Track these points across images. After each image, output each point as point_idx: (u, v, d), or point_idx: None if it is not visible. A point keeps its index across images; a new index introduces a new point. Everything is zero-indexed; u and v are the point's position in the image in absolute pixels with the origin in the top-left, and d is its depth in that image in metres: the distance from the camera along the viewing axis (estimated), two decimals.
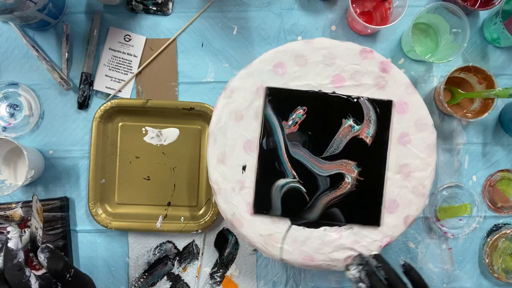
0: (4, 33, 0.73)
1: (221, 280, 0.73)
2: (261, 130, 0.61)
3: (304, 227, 0.60)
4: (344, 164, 0.60)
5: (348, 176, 0.60)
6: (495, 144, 0.74)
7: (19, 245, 0.50)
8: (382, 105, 0.61)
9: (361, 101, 0.61)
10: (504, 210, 0.74)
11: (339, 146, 0.61)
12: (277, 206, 0.60)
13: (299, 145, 0.61)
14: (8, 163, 0.71)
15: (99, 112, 0.71)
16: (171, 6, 0.73)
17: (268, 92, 0.61)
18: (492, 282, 0.74)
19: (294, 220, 0.60)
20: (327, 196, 0.60)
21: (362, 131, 0.61)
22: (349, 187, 0.60)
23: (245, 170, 0.61)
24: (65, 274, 0.50)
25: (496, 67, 0.74)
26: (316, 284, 0.74)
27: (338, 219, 0.60)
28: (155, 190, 0.73)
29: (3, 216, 0.70)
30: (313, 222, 0.60)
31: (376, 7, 0.71)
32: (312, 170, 0.60)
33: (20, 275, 0.47)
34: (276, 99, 0.61)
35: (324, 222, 0.60)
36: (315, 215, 0.60)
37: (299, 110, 0.61)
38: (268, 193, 0.60)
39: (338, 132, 0.61)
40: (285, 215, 0.60)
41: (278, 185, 0.60)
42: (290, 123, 0.61)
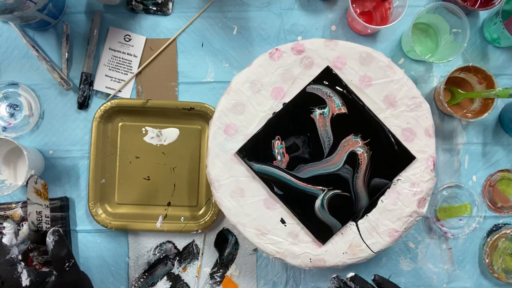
0: (4, 33, 0.73)
1: (221, 280, 0.73)
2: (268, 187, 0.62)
3: (367, 214, 0.61)
4: (345, 144, 0.61)
5: (358, 148, 0.61)
6: (495, 144, 0.74)
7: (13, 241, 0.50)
8: (325, 75, 0.62)
9: (310, 89, 0.62)
10: (504, 210, 0.74)
11: (328, 135, 0.61)
12: (333, 222, 0.61)
13: (302, 165, 0.61)
14: (8, 163, 0.71)
15: (99, 112, 0.71)
16: (171, 6, 0.73)
17: (241, 155, 0.61)
18: (492, 282, 0.74)
19: (354, 218, 0.61)
20: (358, 176, 0.61)
21: (332, 108, 0.61)
22: (367, 154, 0.61)
23: (285, 222, 0.61)
24: (65, 262, 0.51)
25: (496, 67, 0.74)
26: (316, 284, 0.73)
27: (384, 184, 0.61)
28: (155, 190, 0.73)
29: (3, 216, 0.70)
30: (370, 205, 0.61)
31: (376, 7, 0.71)
32: (329, 173, 0.61)
33: (12, 270, 0.48)
34: (249, 152, 0.61)
35: (377, 196, 0.61)
36: (365, 199, 0.61)
37: (275, 142, 0.61)
38: (319, 220, 0.61)
39: (318, 127, 0.61)
40: (344, 221, 0.61)
41: (318, 207, 0.61)
42: (279, 158, 0.61)
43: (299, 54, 0.62)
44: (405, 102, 0.62)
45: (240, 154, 0.61)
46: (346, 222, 0.61)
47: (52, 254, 0.51)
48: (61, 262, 0.51)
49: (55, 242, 0.52)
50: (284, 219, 0.61)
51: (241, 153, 0.61)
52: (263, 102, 0.62)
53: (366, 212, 0.61)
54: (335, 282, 0.57)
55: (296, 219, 0.61)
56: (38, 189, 0.56)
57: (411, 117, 0.62)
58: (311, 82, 0.62)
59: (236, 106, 0.62)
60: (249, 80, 0.62)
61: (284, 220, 0.61)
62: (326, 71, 0.62)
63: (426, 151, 0.61)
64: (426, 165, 0.61)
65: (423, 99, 0.62)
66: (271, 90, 0.62)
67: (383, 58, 0.62)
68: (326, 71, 0.62)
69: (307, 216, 0.61)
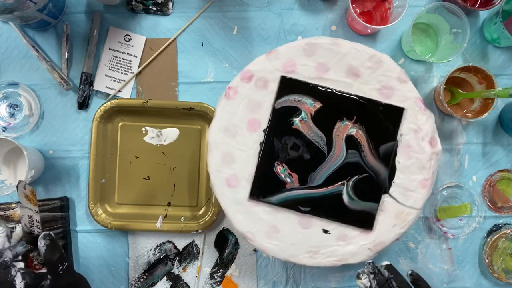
0: (4, 33, 0.73)
1: (221, 280, 0.73)
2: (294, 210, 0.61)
3: (393, 181, 0.61)
4: (337, 133, 0.61)
5: (350, 130, 0.61)
6: (495, 144, 0.74)
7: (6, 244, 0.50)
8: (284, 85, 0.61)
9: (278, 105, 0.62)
10: (504, 210, 0.74)
11: (319, 134, 0.61)
12: (368, 205, 0.61)
13: (312, 173, 0.61)
14: (8, 163, 0.71)
15: (99, 112, 0.71)
16: (171, 6, 0.73)
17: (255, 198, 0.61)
18: (492, 282, 0.74)
19: (383, 191, 0.61)
20: (366, 153, 0.61)
21: (308, 110, 0.61)
22: (361, 130, 0.61)
23: (327, 231, 0.61)
24: (58, 266, 0.50)
25: (496, 67, 0.74)
26: (316, 284, 0.73)
27: (391, 146, 0.61)
28: (155, 190, 0.73)
29: (3, 216, 0.70)
30: (391, 172, 0.61)
31: (376, 7, 0.71)
32: (339, 165, 0.61)
33: (5, 273, 0.48)
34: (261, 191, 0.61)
35: (392, 161, 0.61)
36: (384, 169, 0.61)
37: (277, 168, 0.61)
38: (355, 211, 0.61)
39: (305, 134, 0.61)
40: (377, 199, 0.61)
41: (347, 200, 0.61)
42: (289, 180, 0.61)
43: (250, 80, 0.62)
44: (367, 65, 0.61)
45: (254, 197, 0.61)
46: (379, 199, 0.61)
47: (45, 258, 0.51)
48: (54, 266, 0.50)
49: (46, 247, 0.51)
50: (326, 229, 0.61)
51: (254, 196, 0.61)
52: (246, 140, 0.61)
53: (391, 179, 0.61)
54: (369, 267, 0.55)
55: (335, 222, 0.61)
56: (27, 194, 0.55)
57: (379, 75, 0.61)
58: (276, 98, 0.61)
59: (224, 158, 0.61)
60: (222, 129, 0.61)
61: (326, 230, 0.61)
62: (283, 81, 0.61)
63: (409, 96, 0.61)
64: (417, 108, 0.61)
65: (380, 53, 0.62)
66: (246, 125, 0.61)
67: (323, 40, 0.62)
68: (283, 81, 0.61)
69: (342, 214, 0.61)
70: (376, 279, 0.53)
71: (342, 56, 0.61)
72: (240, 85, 0.62)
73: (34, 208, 0.55)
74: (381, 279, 0.53)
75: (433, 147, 0.61)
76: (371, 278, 0.54)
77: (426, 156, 0.61)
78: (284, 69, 0.62)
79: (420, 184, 0.61)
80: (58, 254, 0.51)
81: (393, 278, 0.53)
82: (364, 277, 0.54)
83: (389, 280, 0.53)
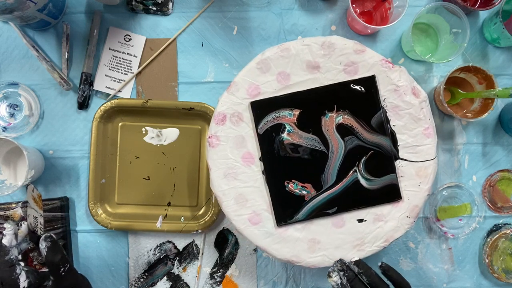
0: (4, 33, 0.73)
1: (221, 280, 0.73)
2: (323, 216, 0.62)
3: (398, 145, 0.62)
4: (326, 128, 0.61)
5: (337, 119, 0.61)
6: (495, 144, 0.74)
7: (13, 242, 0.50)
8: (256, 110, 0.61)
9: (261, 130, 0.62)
10: (504, 210, 0.74)
11: (312, 138, 0.61)
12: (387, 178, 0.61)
13: (323, 175, 0.61)
14: (8, 163, 0.71)
15: (99, 112, 0.71)
16: (171, 6, 0.73)
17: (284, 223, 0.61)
18: (492, 282, 0.74)
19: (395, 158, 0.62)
20: (361, 133, 0.61)
21: (290, 121, 0.62)
22: (347, 114, 0.61)
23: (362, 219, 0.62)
24: (59, 267, 0.51)
25: (496, 67, 0.74)
26: (316, 284, 0.74)
27: (379, 116, 0.61)
28: (155, 190, 0.73)
29: (3, 216, 0.70)
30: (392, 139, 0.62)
31: (376, 7, 0.71)
32: (343, 157, 0.61)
33: (10, 271, 0.48)
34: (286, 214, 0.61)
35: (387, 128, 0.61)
36: (384, 139, 0.61)
37: (289, 186, 0.61)
38: (377, 189, 0.61)
39: (299, 143, 0.61)
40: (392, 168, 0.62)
41: (365, 183, 0.62)
42: (305, 192, 0.61)
43: (225, 121, 0.61)
44: (321, 54, 0.61)
45: (281, 223, 0.61)
46: (394, 167, 0.61)
47: (46, 260, 0.51)
48: (56, 267, 0.51)
49: (48, 249, 0.51)
50: (360, 218, 0.61)
51: (281, 222, 0.61)
52: (248, 176, 0.61)
53: (396, 145, 0.62)
54: (338, 265, 0.57)
55: (365, 208, 0.61)
56: (35, 197, 0.56)
57: (337, 57, 0.61)
58: (256, 124, 0.61)
59: (237, 201, 0.61)
60: (222, 176, 0.61)
61: (360, 219, 0.61)
62: (254, 106, 0.61)
63: (373, 62, 0.61)
64: (386, 69, 0.61)
65: (327, 37, 0.62)
66: (242, 162, 0.61)
67: (270, 52, 0.61)
68: (254, 106, 0.61)
69: (368, 198, 0.61)
70: (346, 276, 0.55)
71: (295, 57, 0.61)
72: (218, 130, 0.61)
73: (40, 211, 0.56)
74: (350, 274, 0.55)
75: (418, 97, 0.61)
76: (341, 275, 0.55)
77: (416, 108, 0.61)
78: (250, 95, 0.62)
79: (423, 136, 0.61)
80: (59, 256, 0.51)
81: (363, 273, 0.55)
82: (335, 275, 0.56)
83: (358, 274, 0.55)
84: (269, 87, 0.62)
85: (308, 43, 0.61)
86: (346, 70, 0.62)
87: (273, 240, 0.61)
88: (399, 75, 0.61)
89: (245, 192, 0.61)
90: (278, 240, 0.61)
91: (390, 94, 0.61)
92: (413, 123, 0.61)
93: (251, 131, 0.62)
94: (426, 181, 0.61)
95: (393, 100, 0.61)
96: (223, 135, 0.61)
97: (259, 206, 0.61)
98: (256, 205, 0.61)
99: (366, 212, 0.61)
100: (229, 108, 0.61)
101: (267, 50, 0.62)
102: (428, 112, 0.61)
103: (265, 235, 0.61)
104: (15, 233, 0.51)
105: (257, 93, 0.61)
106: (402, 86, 0.61)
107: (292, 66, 0.61)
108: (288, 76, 0.61)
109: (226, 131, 0.61)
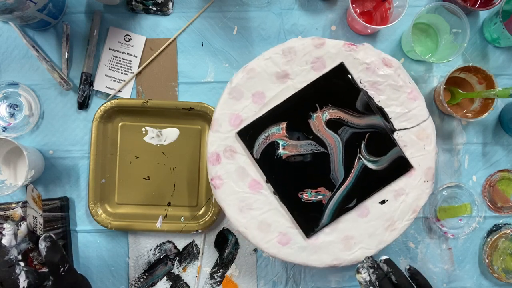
0: (4, 33, 0.73)
1: (221, 280, 0.73)
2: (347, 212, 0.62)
3: (390, 118, 0.63)
4: (317, 129, 0.61)
5: (324, 116, 0.61)
6: (495, 144, 0.74)
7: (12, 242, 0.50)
8: (245, 138, 0.62)
9: (257, 155, 0.62)
10: (504, 210, 0.74)
11: (307, 144, 0.62)
12: (393, 153, 0.62)
13: (331, 175, 0.62)
14: (8, 163, 0.71)
15: (99, 112, 0.71)
16: (171, 6, 0.73)
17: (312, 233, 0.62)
18: (492, 282, 0.74)
19: (392, 131, 0.62)
20: (351, 121, 0.61)
21: (282, 136, 0.62)
22: (331, 108, 0.62)
23: (384, 201, 0.62)
24: (59, 267, 0.51)
25: (496, 67, 0.74)
26: (316, 284, 0.73)
27: (362, 96, 0.61)
28: (155, 190, 0.73)
29: (3, 216, 0.70)
30: (381, 113, 0.62)
31: (376, 7, 0.71)
32: (345, 151, 0.62)
33: (10, 272, 0.48)
34: (310, 222, 0.62)
35: (373, 103, 0.62)
36: (375, 116, 0.62)
37: (304, 196, 0.62)
38: (386, 168, 0.62)
39: (296, 154, 0.62)
40: (393, 142, 0.62)
41: (373, 166, 0.62)
42: (321, 196, 0.61)
43: (219, 159, 0.62)
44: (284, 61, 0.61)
45: (310, 234, 0.61)
46: (394, 141, 0.62)
47: (46, 260, 0.51)
48: (56, 267, 0.51)
49: (47, 249, 0.51)
50: (381, 200, 0.62)
51: (310, 233, 0.61)
52: (262, 202, 0.62)
53: (387, 119, 0.62)
54: (368, 261, 0.55)
55: (382, 189, 0.62)
56: (34, 197, 0.56)
57: (301, 59, 0.62)
58: (250, 151, 0.61)
59: (261, 229, 0.61)
60: (238, 212, 0.61)
61: (382, 201, 0.62)
62: (241, 135, 0.61)
63: (335, 51, 0.62)
64: (350, 52, 0.62)
65: (285, 43, 0.62)
66: (251, 191, 0.62)
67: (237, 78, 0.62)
68: (241, 135, 0.61)
69: (382, 178, 0.62)
70: (375, 273, 0.54)
71: (261, 74, 0.62)
72: (217, 170, 0.62)
73: (39, 211, 0.56)
74: (380, 273, 0.54)
75: (391, 66, 0.62)
76: (371, 272, 0.54)
77: (393, 77, 0.62)
78: (233, 125, 0.62)
79: (409, 100, 0.62)
80: (59, 256, 0.51)
81: (392, 273, 0.53)
82: (364, 271, 0.55)
83: (388, 274, 0.53)
84: (248, 112, 0.62)
85: (269, 56, 0.62)
86: (314, 67, 0.62)
87: (308, 252, 0.61)
88: (365, 53, 0.62)
89: (265, 218, 0.61)
90: (314, 250, 0.61)
91: (364, 74, 0.62)
92: (396, 92, 0.62)
93: (248, 159, 0.62)
94: (429, 142, 0.62)
95: (368, 78, 0.62)
96: (223, 173, 0.61)
97: (283, 226, 0.61)
98: (280, 226, 0.61)
99: (385, 192, 0.62)
100: (219, 145, 0.62)
101: (234, 78, 0.62)
102: (406, 76, 0.62)
103: (299, 251, 0.61)
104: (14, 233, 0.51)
105: (240, 121, 0.62)
106: (372, 62, 0.61)
107: (263, 83, 0.62)
108: (262, 94, 0.62)
109: (225, 168, 0.62)
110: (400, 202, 0.62)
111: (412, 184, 0.62)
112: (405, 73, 0.62)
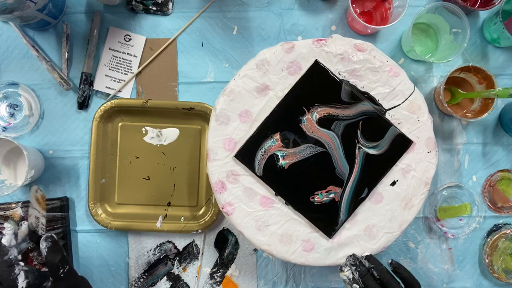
0: (4, 33, 0.73)
1: (221, 280, 0.73)
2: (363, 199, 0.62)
3: (379, 101, 0.63)
4: (310, 130, 0.61)
5: (314, 116, 0.61)
6: (495, 144, 0.74)
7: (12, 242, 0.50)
8: (243, 158, 0.61)
9: (257, 170, 0.62)
10: (504, 210, 0.74)
11: (307, 148, 0.62)
12: (390, 132, 0.62)
13: (339, 173, 0.62)
14: (8, 163, 0.71)
15: (99, 112, 0.71)
16: (171, 6, 0.73)
17: (332, 234, 0.61)
18: (492, 282, 0.74)
19: (383, 112, 0.62)
20: (343, 114, 0.61)
21: (279, 148, 0.61)
22: (324, 106, 0.61)
23: (395, 183, 0.62)
24: (59, 268, 0.50)
25: (496, 67, 0.74)
26: (316, 284, 0.74)
27: (353, 87, 0.62)
28: (155, 190, 0.73)
29: (3, 216, 0.70)
30: (372, 101, 0.62)
31: (376, 7, 0.71)
32: (344, 145, 0.62)
33: (9, 271, 0.48)
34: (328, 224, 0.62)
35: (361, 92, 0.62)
36: (367, 103, 0.62)
37: (315, 199, 0.61)
38: (388, 150, 0.62)
39: (296, 159, 0.62)
40: (389, 123, 0.62)
41: (376, 151, 0.62)
42: (332, 196, 0.61)
43: (224, 187, 0.61)
44: (261, 73, 0.61)
45: (332, 232, 0.61)
46: (388, 121, 0.62)
47: (46, 260, 0.51)
48: (56, 268, 0.51)
49: (48, 249, 0.51)
50: (391, 182, 0.62)
51: (331, 232, 0.61)
52: (277, 215, 0.61)
53: (376, 102, 0.62)
54: (350, 259, 0.58)
55: (390, 170, 0.62)
56: (38, 198, 0.56)
57: (276, 67, 0.62)
58: (251, 170, 0.61)
59: (283, 241, 0.61)
60: (257, 232, 0.61)
61: (392, 182, 0.62)
62: (239, 156, 0.61)
63: (306, 51, 0.62)
64: (320, 48, 0.62)
65: (257, 56, 0.62)
66: (263, 209, 0.61)
67: (220, 103, 0.61)
68: (239, 156, 0.61)
69: (386, 160, 0.62)
70: (358, 271, 0.55)
71: (241, 93, 0.62)
72: (225, 196, 0.61)
73: (42, 212, 0.56)
74: (362, 270, 0.55)
75: (364, 50, 0.62)
76: (353, 270, 0.56)
77: (369, 60, 0.62)
78: (229, 150, 0.62)
79: (391, 78, 0.62)
80: (59, 257, 0.51)
81: (374, 268, 0.55)
82: (347, 269, 0.56)
83: (370, 270, 0.55)
84: (239, 132, 0.62)
85: (244, 73, 0.62)
86: (291, 71, 0.62)
87: (336, 252, 0.61)
88: (335, 44, 0.62)
89: (284, 231, 0.61)
90: (340, 248, 0.61)
91: (341, 64, 0.62)
92: (376, 73, 0.62)
93: (252, 178, 0.62)
94: (422, 112, 0.62)
95: (346, 67, 0.62)
96: (232, 199, 0.61)
97: (304, 233, 0.61)
98: (301, 234, 0.61)
99: (393, 173, 0.62)
100: (220, 173, 0.61)
101: (217, 104, 0.62)
102: (382, 55, 0.62)
103: (326, 253, 0.61)
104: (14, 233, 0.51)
105: (234, 144, 0.62)
106: (345, 52, 0.62)
107: (245, 101, 0.62)
108: (248, 112, 0.62)
109: (232, 193, 0.61)
110: (410, 178, 0.62)
111: (417, 158, 0.62)
112: (380, 53, 0.62)
